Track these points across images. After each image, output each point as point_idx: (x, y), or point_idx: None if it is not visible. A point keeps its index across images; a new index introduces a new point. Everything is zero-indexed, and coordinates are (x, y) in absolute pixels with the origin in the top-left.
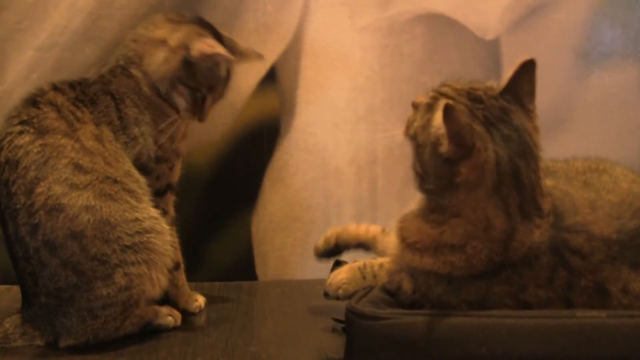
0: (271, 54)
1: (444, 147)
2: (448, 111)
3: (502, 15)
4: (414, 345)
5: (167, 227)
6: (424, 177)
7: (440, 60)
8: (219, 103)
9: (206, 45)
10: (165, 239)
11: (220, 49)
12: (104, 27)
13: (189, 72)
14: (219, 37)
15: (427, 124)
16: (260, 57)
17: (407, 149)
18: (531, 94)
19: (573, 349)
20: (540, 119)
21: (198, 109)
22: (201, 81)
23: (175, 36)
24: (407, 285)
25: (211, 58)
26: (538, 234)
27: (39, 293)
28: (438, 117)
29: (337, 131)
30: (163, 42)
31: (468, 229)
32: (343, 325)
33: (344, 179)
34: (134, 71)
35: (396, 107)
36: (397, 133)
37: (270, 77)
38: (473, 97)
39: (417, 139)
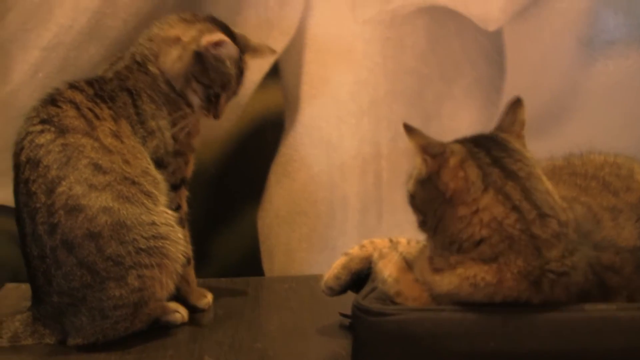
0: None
1: (422, 166)
2: (409, 128)
3: (505, 5)
4: (421, 341)
5: (181, 237)
6: (425, 219)
7: (443, 52)
8: (231, 100)
9: (214, 35)
10: (178, 247)
11: (225, 37)
12: (109, 26)
13: (201, 67)
14: (230, 34)
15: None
16: (272, 52)
17: None
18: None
19: (582, 342)
20: (545, 107)
21: (213, 107)
22: (213, 78)
23: (188, 33)
24: None
25: (217, 46)
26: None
27: (51, 292)
28: (416, 160)
29: (341, 125)
30: (177, 40)
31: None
32: (350, 320)
33: (349, 173)
34: (151, 67)
35: (400, 99)
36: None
37: (274, 73)
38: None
39: (410, 189)
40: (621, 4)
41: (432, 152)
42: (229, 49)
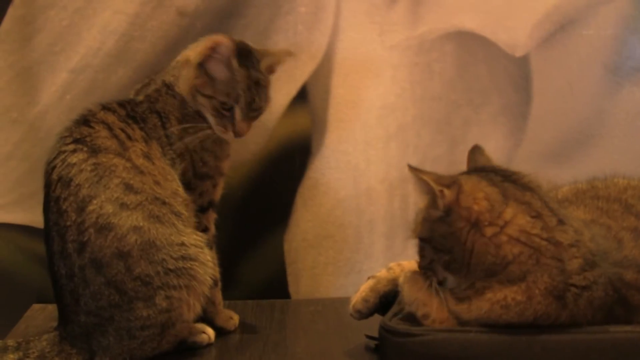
0: (302, 73)
1: (439, 200)
2: (414, 168)
3: (532, 32)
4: None
5: (209, 259)
6: (453, 257)
7: (470, 78)
8: (257, 119)
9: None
10: (206, 270)
11: (220, 38)
12: (136, 49)
13: (206, 78)
14: (246, 48)
15: (420, 212)
16: (289, 53)
17: (440, 166)
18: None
19: None
20: (572, 134)
21: (228, 122)
22: (219, 88)
23: (195, 50)
24: None
25: (214, 47)
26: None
27: (79, 311)
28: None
29: (369, 149)
30: (187, 60)
31: (519, 269)
32: (376, 342)
33: (376, 197)
34: (178, 90)
35: (427, 125)
36: None
37: (302, 97)
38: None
39: (423, 235)
40: None
41: (446, 183)
42: (223, 48)
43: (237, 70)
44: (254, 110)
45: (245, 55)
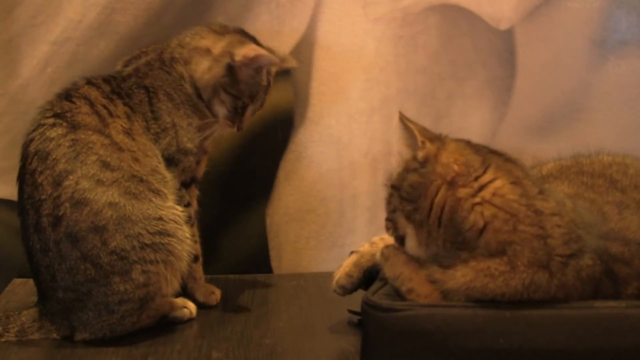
0: (284, 46)
1: (420, 149)
2: (403, 118)
3: (517, 4)
4: (430, 337)
5: (188, 236)
6: (416, 207)
7: (455, 51)
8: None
9: (249, 49)
10: (184, 246)
11: (263, 51)
12: (118, 21)
13: (232, 79)
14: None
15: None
16: (296, 62)
17: None
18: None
19: (592, 340)
20: (556, 108)
21: (238, 118)
22: (243, 89)
23: (218, 45)
24: None
25: (255, 60)
26: (558, 220)
27: (56, 287)
28: (400, 144)
29: (352, 123)
30: (207, 51)
31: (498, 237)
32: (359, 317)
33: (359, 171)
34: (179, 68)
35: (411, 98)
36: None
37: (284, 70)
38: None
39: (395, 182)
40: (634, 4)
41: (430, 137)
42: (266, 62)
43: (267, 77)
44: (261, 107)
45: None
